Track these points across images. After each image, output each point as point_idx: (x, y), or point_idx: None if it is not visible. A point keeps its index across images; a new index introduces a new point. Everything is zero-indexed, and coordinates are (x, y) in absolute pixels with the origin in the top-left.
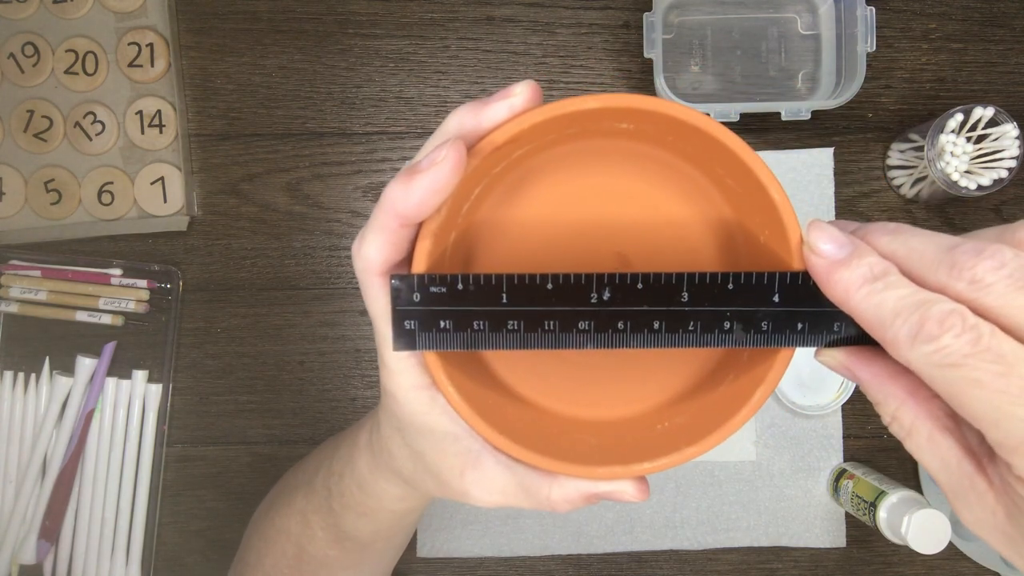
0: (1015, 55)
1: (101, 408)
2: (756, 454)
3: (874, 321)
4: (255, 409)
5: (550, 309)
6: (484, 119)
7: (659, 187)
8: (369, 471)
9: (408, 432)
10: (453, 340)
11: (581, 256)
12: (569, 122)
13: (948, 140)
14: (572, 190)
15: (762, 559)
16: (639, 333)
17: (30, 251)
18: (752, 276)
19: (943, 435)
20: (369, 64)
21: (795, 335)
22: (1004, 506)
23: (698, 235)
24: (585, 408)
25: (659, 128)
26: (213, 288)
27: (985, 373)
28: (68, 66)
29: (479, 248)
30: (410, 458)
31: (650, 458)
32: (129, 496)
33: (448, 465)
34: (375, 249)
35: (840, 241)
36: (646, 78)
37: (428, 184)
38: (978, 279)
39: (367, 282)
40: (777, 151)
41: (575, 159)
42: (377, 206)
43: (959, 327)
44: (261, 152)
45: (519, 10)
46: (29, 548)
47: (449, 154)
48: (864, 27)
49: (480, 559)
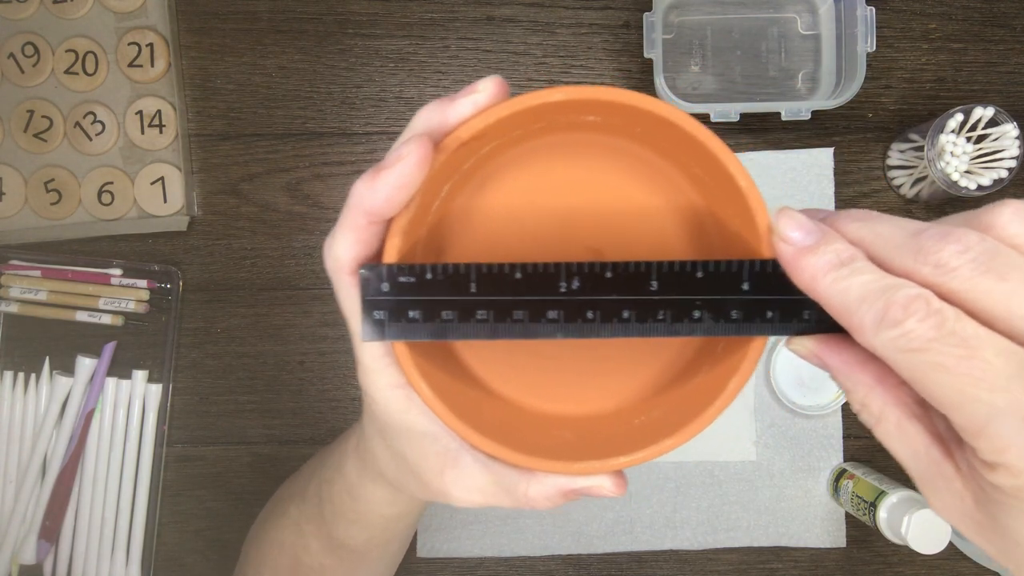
0: (1015, 55)
1: (101, 408)
2: (756, 454)
3: (840, 307)
4: (255, 409)
5: (519, 299)
6: (450, 115)
7: (629, 178)
8: (357, 475)
9: (388, 433)
10: (422, 330)
11: (554, 249)
12: (535, 116)
13: (948, 140)
14: (543, 184)
15: (762, 559)
16: (609, 323)
17: (30, 251)
18: (721, 264)
19: (911, 422)
20: (369, 64)
21: (765, 324)
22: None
23: (670, 225)
24: (562, 404)
25: (626, 119)
26: (213, 288)
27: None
28: (68, 66)
29: (451, 244)
30: (392, 460)
31: (627, 452)
32: (129, 496)
33: (428, 465)
34: (344, 247)
35: (808, 228)
36: (646, 78)
37: (393, 180)
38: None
39: (338, 280)
40: (777, 151)
41: (545, 153)
42: (345, 204)
43: (923, 311)
44: (261, 152)
45: (519, 10)
46: (29, 548)
47: (413, 150)
48: (864, 27)
49: (480, 559)
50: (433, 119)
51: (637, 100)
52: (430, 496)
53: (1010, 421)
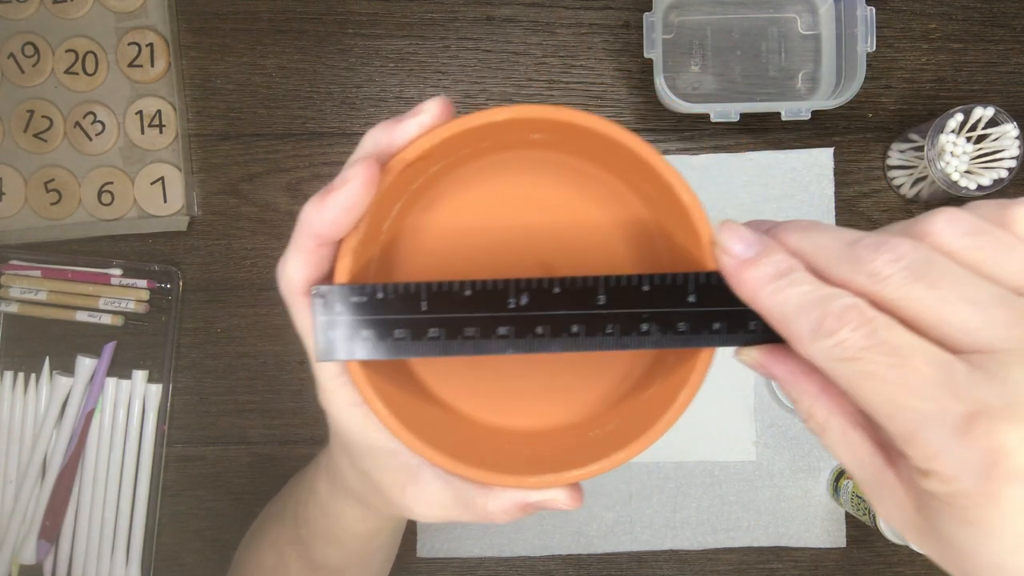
0: (1015, 55)
1: (101, 408)
2: (756, 454)
3: (779, 318)
4: (255, 409)
5: (470, 316)
6: (396, 137)
7: (578, 194)
8: (328, 494)
9: (351, 451)
10: (375, 349)
11: (505, 265)
12: (480, 135)
13: (948, 140)
14: (493, 201)
15: (762, 559)
16: (558, 337)
17: (30, 251)
18: (667, 278)
19: (855, 430)
20: (369, 64)
21: (713, 335)
22: (912, 499)
23: (619, 239)
24: (518, 419)
25: (570, 137)
26: (213, 288)
27: (879, 366)
28: (68, 66)
29: (403, 262)
30: (358, 477)
31: (581, 465)
32: (129, 496)
33: (390, 481)
34: (296, 269)
35: (749, 240)
36: (646, 78)
37: (340, 202)
38: (877, 272)
39: (292, 302)
40: (777, 151)
41: (494, 171)
42: (295, 227)
43: (856, 321)
44: (261, 152)
45: (519, 10)
46: (29, 548)
47: (359, 172)
48: (864, 27)
49: (480, 559)
50: (380, 141)
51: (579, 118)
52: (394, 512)
53: (939, 429)
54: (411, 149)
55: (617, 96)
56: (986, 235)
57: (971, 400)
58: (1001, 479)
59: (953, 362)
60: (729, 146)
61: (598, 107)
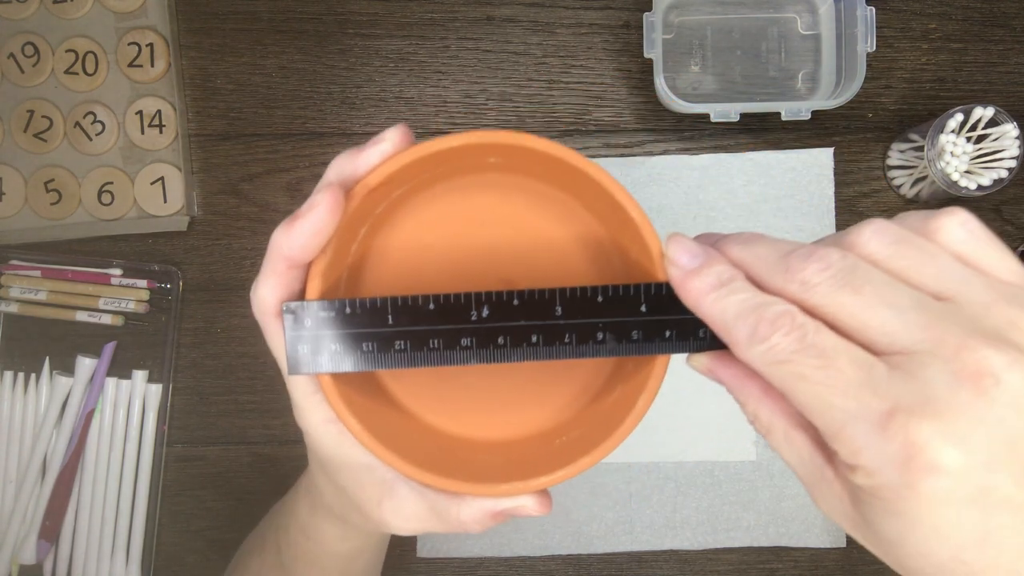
0: (1015, 55)
1: (101, 408)
2: (756, 454)
3: (720, 324)
4: (255, 409)
5: (433, 328)
6: (359, 165)
7: (535, 213)
8: (309, 514)
9: (327, 467)
10: (344, 362)
11: (468, 282)
12: (438, 160)
13: (948, 140)
14: (454, 222)
15: (762, 559)
16: (519, 347)
17: (30, 251)
18: (620, 289)
19: (796, 431)
20: (369, 64)
21: (664, 342)
22: (847, 493)
23: (576, 255)
24: (486, 430)
25: (524, 160)
26: (213, 288)
27: (807, 367)
28: (68, 66)
29: (370, 283)
30: (336, 494)
31: (547, 472)
32: (129, 496)
33: (366, 496)
34: (267, 291)
35: (693, 252)
36: (646, 78)
37: (308, 227)
38: (807, 280)
39: (265, 324)
40: (777, 151)
41: (454, 193)
42: (267, 252)
43: (788, 326)
44: (261, 152)
45: (519, 10)
46: (29, 548)
47: (324, 198)
48: (864, 27)
49: (480, 559)
50: (344, 169)
51: (530, 142)
52: (372, 526)
53: (862, 426)
54: (373, 175)
55: (617, 96)
56: (909, 244)
57: (890, 398)
58: (918, 471)
59: (874, 363)
60: (729, 146)
61: (598, 107)
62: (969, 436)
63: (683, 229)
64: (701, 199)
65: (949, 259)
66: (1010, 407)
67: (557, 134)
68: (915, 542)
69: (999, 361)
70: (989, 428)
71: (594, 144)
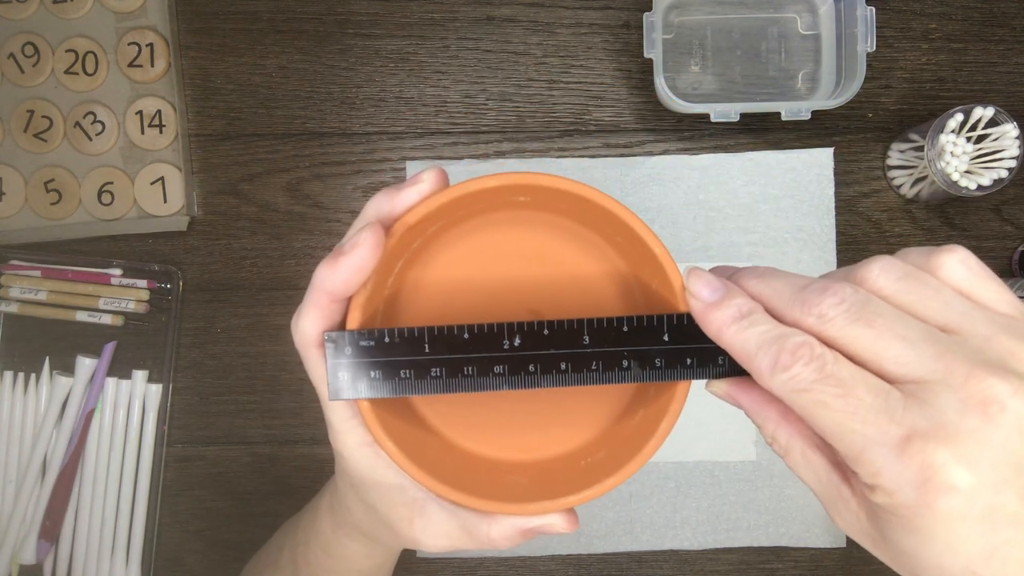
0: (1015, 55)
1: (101, 408)
2: (756, 454)
3: (742, 354)
4: (255, 409)
5: (468, 356)
6: (397, 204)
7: (561, 247)
8: (332, 532)
9: (359, 487)
10: (383, 388)
11: (498, 313)
12: (472, 200)
13: (948, 140)
14: (485, 256)
15: (762, 559)
16: (548, 374)
17: (30, 251)
18: (644, 319)
19: (813, 451)
20: (369, 64)
21: (685, 369)
22: (864, 510)
23: (600, 287)
24: (516, 451)
25: (552, 199)
26: (213, 288)
27: (828, 396)
28: (68, 66)
29: (406, 314)
30: (366, 512)
31: (575, 491)
32: (129, 496)
33: (397, 515)
34: (310, 324)
35: (714, 286)
36: (646, 78)
37: (351, 265)
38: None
39: (306, 354)
40: (777, 151)
41: (485, 229)
42: (310, 286)
43: (807, 357)
44: (261, 152)
45: (519, 10)
46: (29, 548)
47: (367, 237)
48: (864, 27)
49: (480, 559)
50: (383, 207)
51: (559, 183)
52: (401, 544)
53: (880, 450)
54: (412, 214)
55: (617, 96)
56: (914, 280)
57: (906, 424)
58: (935, 491)
59: (890, 391)
60: (729, 146)
61: (598, 107)
62: (979, 458)
63: (683, 229)
64: (701, 199)
65: (952, 294)
66: (1015, 431)
67: (557, 134)
68: (931, 556)
69: (1003, 389)
70: (996, 451)
71: (594, 144)
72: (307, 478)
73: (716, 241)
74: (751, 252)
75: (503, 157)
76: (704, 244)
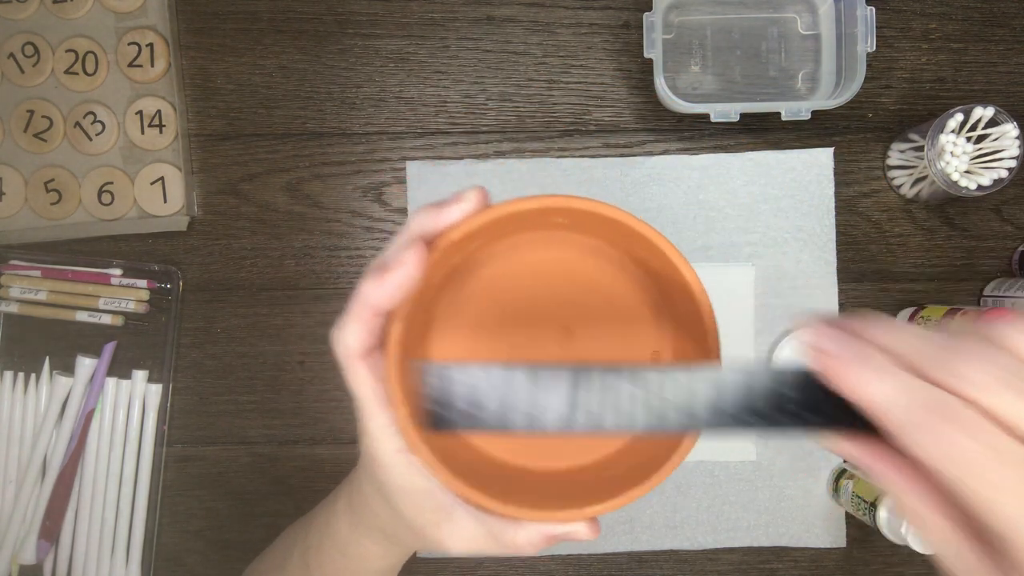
0: (1015, 55)
1: (101, 408)
2: (756, 454)
3: (880, 411)
4: (255, 409)
5: None
6: (441, 221)
7: (594, 267)
8: (350, 532)
9: (388, 491)
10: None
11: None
12: (513, 219)
13: (948, 140)
14: (522, 273)
15: (762, 559)
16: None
17: (30, 251)
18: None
19: (946, 520)
20: (369, 64)
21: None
22: None
23: (631, 306)
24: (545, 461)
25: (589, 221)
26: (213, 288)
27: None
28: (68, 66)
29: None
30: (391, 516)
31: (600, 501)
32: (129, 496)
33: (425, 520)
34: (353, 337)
35: (840, 339)
36: (646, 78)
37: (396, 280)
38: (969, 377)
39: (349, 366)
40: (777, 151)
41: (523, 247)
42: (353, 299)
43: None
44: (261, 152)
45: (519, 10)
46: (29, 548)
47: (412, 255)
48: (864, 27)
49: (480, 559)
50: (427, 224)
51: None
52: (425, 546)
53: None
54: (455, 231)
55: (617, 96)
56: None
57: None
58: None
59: None
60: (729, 146)
61: (598, 107)
62: None
63: (683, 229)
64: (701, 199)
65: None
66: None
67: (557, 134)
68: None
69: None
70: None
71: (594, 144)
72: (307, 478)
73: (716, 241)
74: (751, 252)
75: (503, 157)
76: (704, 244)
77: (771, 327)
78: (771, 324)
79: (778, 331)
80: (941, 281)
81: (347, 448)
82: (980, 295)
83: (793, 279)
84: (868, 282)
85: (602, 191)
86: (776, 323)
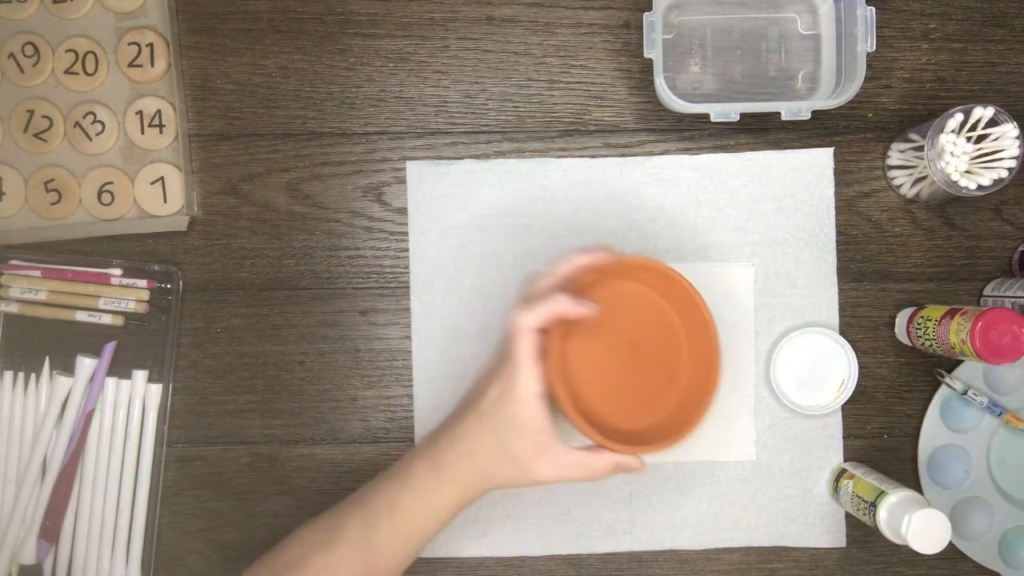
0: (1015, 55)
1: (101, 408)
2: (756, 454)
3: None
4: (255, 409)
5: None
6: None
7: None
8: (434, 481)
9: (504, 429)
10: None
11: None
12: (622, 268)
13: (948, 140)
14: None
15: (762, 559)
16: None
17: (30, 251)
18: None
19: None
20: (369, 64)
21: None
22: None
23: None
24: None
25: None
26: (213, 288)
27: None
28: (68, 66)
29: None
30: (493, 455)
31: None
32: (129, 496)
33: (528, 453)
34: (533, 318)
35: None
36: (646, 78)
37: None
38: None
39: (521, 335)
40: (777, 151)
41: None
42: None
43: None
44: (261, 152)
45: (519, 10)
46: (29, 548)
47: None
48: (864, 27)
49: (480, 559)
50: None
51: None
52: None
53: None
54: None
55: (617, 96)
56: None
57: None
58: None
59: None
60: (729, 146)
61: (598, 107)
62: None
63: (683, 229)
64: (701, 199)
65: None
66: None
67: (557, 134)
68: None
69: None
70: None
71: (594, 144)
72: (307, 478)
73: (716, 241)
74: (751, 252)
75: (503, 157)
76: (704, 244)
77: (771, 327)
78: (771, 324)
79: (778, 331)
80: (941, 281)
81: (347, 448)
82: (980, 295)
83: (793, 279)
84: (868, 282)
85: (602, 191)
86: (776, 323)
